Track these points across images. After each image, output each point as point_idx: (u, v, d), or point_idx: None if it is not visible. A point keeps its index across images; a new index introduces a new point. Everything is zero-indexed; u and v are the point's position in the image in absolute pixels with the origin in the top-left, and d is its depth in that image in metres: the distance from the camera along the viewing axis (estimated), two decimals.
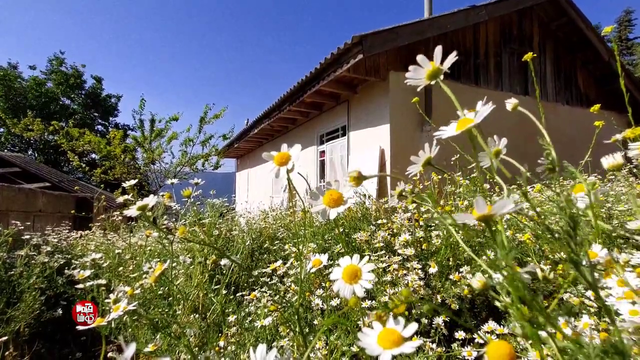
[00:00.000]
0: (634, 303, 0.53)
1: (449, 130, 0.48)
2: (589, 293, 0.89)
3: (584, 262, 0.41)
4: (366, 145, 5.44)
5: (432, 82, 0.52)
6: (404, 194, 0.59)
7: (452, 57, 0.49)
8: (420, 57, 0.50)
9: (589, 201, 0.49)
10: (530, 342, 0.43)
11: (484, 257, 0.55)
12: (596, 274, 0.67)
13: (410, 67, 0.51)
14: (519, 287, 0.38)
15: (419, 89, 0.51)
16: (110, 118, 25.35)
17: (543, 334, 0.39)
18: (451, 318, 1.32)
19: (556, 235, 0.44)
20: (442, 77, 0.51)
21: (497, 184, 0.61)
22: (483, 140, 0.54)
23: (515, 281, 0.38)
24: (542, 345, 0.41)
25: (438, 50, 0.49)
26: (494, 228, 0.47)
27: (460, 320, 1.25)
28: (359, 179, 0.49)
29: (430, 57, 0.49)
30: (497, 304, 0.42)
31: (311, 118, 7.40)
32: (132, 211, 0.58)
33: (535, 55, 0.94)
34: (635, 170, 2.17)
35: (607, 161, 0.53)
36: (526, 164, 0.53)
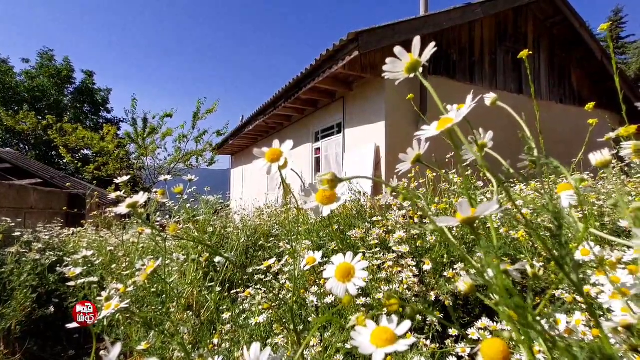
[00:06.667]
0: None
1: (431, 130, 0.47)
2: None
3: (568, 262, 0.41)
4: (362, 143, 5.44)
5: (411, 75, 0.50)
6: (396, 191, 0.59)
7: (431, 48, 0.47)
8: (397, 49, 0.48)
9: (575, 199, 0.48)
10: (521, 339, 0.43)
11: (478, 255, 0.55)
12: (589, 272, 0.67)
13: (388, 60, 0.48)
14: (503, 291, 0.38)
15: (398, 81, 0.50)
16: (101, 113, 25.05)
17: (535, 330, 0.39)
18: (445, 315, 1.32)
19: (541, 234, 0.44)
20: (421, 70, 0.49)
21: (491, 182, 0.61)
22: (468, 134, 0.53)
23: (498, 285, 0.38)
24: (534, 342, 0.41)
25: (417, 40, 0.46)
26: (488, 225, 0.46)
27: (454, 316, 1.25)
28: (333, 181, 0.44)
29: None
30: (488, 302, 0.42)
31: (306, 115, 7.37)
32: (122, 208, 0.57)
33: (530, 52, 0.94)
34: (627, 169, 2.19)
35: (595, 157, 0.52)
36: (509, 160, 0.53)
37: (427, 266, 1.35)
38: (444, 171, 2.19)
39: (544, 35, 6.72)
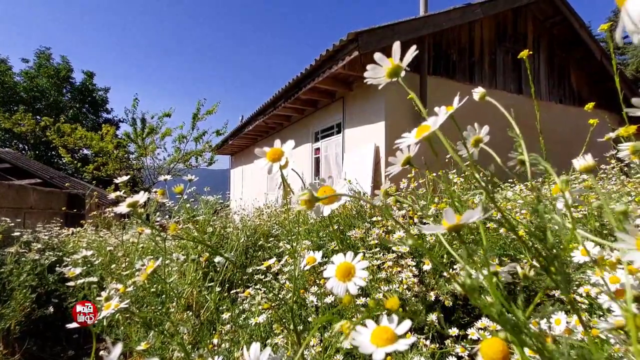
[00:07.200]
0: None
1: (410, 138, 0.47)
2: (582, 290, 0.90)
3: (556, 265, 0.41)
4: (361, 143, 5.44)
5: (394, 80, 0.50)
6: (388, 193, 0.58)
7: (412, 52, 0.47)
8: (377, 56, 0.48)
9: (563, 201, 0.48)
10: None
11: (478, 254, 0.55)
12: (589, 272, 0.67)
13: (369, 67, 0.49)
14: (495, 293, 0.38)
15: (381, 86, 0.49)
16: (101, 113, 25.05)
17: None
18: (445, 314, 1.32)
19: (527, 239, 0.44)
20: (405, 70, 0.49)
21: (491, 181, 0.61)
22: (460, 129, 0.53)
23: (490, 290, 0.38)
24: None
25: (396, 45, 0.46)
26: (488, 225, 0.46)
27: (454, 316, 1.25)
28: (311, 201, 0.43)
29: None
30: (473, 302, 0.42)
31: (306, 115, 7.37)
32: (122, 208, 0.57)
33: (530, 53, 0.94)
34: (626, 169, 2.19)
35: (579, 163, 0.52)
36: (501, 160, 0.53)
37: (427, 266, 1.35)
38: (443, 171, 2.19)
39: (544, 35, 6.73)
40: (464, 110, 0.67)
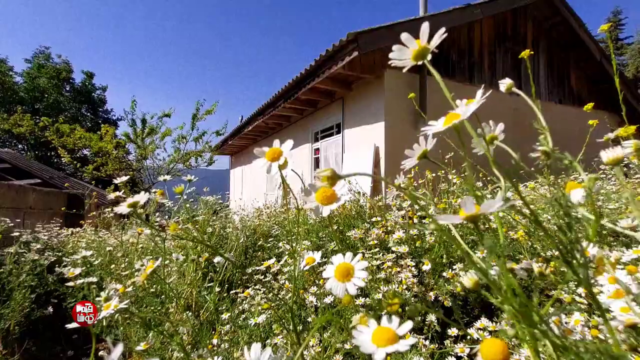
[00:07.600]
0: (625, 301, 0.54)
1: (437, 125, 0.46)
2: (580, 290, 0.90)
3: (579, 260, 0.41)
4: (361, 143, 5.44)
5: (419, 62, 0.48)
6: (402, 185, 0.58)
7: (441, 34, 0.45)
8: (404, 36, 0.46)
9: (588, 196, 0.48)
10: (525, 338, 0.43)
11: (478, 255, 0.55)
12: (590, 272, 0.67)
13: (395, 47, 0.46)
14: (509, 290, 0.38)
15: (405, 68, 0.49)
16: (100, 113, 25.10)
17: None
18: (444, 315, 1.32)
19: (550, 232, 0.44)
20: (429, 61, 0.48)
21: (490, 181, 0.61)
22: (477, 127, 0.53)
23: (504, 284, 0.38)
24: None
25: (425, 26, 0.45)
26: (488, 226, 0.46)
27: (454, 316, 1.25)
28: (333, 178, 0.43)
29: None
30: (493, 300, 0.42)
31: (306, 115, 7.37)
32: (122, 208, 0.57)
33: (531, 52, 0.94)
34: (625, 169, 2.19)
35: (607, 155, 0.52)
36: (515, 160, 0.53)
37: (426, 266, 1.35)
38: (443, 172, 2.19)
39: (543, 36, 6.73)
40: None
